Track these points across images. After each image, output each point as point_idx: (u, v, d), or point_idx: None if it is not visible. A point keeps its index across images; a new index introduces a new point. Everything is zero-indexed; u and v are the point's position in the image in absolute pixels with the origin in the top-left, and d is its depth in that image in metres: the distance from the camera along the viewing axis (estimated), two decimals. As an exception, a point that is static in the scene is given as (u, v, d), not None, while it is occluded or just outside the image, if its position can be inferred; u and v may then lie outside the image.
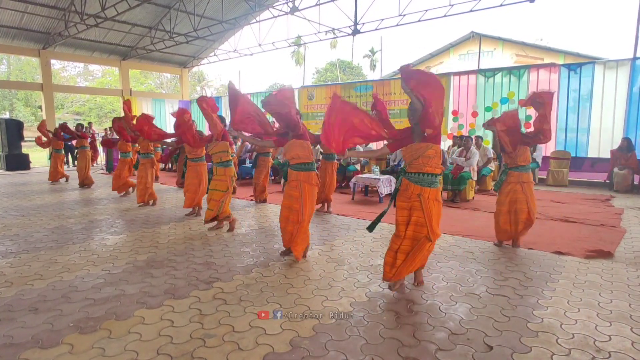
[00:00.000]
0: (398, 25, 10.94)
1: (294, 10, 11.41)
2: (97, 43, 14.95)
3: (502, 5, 9.17)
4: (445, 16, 10.05)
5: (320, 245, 4.39)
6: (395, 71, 21.75)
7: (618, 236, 4.65)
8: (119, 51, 16.13)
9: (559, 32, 49.45)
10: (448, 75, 10.84)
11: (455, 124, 10.40)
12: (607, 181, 8.42)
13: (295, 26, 67.91)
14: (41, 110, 16.92)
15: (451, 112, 10.49)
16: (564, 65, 9.39)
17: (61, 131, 9.64)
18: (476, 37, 20.51)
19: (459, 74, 10.64)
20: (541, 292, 3.05)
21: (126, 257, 3.94)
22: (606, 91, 8.73)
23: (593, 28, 50.65)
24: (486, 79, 10.05)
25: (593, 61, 9.22)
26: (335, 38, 16.11)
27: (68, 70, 32.23)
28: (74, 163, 12.72)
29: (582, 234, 4.76)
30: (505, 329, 2.49)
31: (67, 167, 11.71)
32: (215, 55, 17.41)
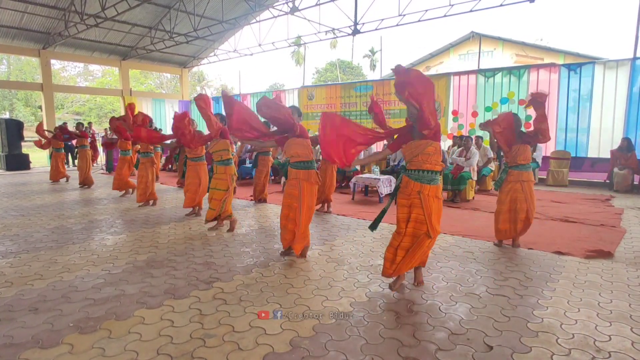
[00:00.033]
0: (398, 25, 10.95)
1: (294, 10, 11.42)
2: (97, 43, 14.96)
3: (502, 5, 9.18)
4: (445, 16, 10.05)
5: (320, 245, 4.39)
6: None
7: (618, 236, 4.65)
8: (119, 51, 16.13)
9: (559, 32, 49.49)
10: (448, 75, 10.84)
11: (455, 124, 10.40)
12: (607, 181, 8.43)
13: (295, 26, 68.02)
14: (41, 110, 16.91)
15: (451, 112, 10.49)
16: (564, 65, 9.39)
17: (61, 134, 9.67)
18: (476, 37, 20.51)
19: (459, 74, 10.64)
20: (541, 292, 3.06)
21: (126, 257, 3.95)
22: (606, 91, 8.73)
23: (593, 28, 50.70)
24: (486, 79, 10.05)
25: (593, 61, 9.23)
26: (335, 38, 16.11)
27: (68, 70, 32.30)
28: (74, 163, 12.74)
29: (582, 234, 4.76)
30: (505, 329, 2.49)
31: (68, 167, 11.71)
32: (215, 55, 17.42)
